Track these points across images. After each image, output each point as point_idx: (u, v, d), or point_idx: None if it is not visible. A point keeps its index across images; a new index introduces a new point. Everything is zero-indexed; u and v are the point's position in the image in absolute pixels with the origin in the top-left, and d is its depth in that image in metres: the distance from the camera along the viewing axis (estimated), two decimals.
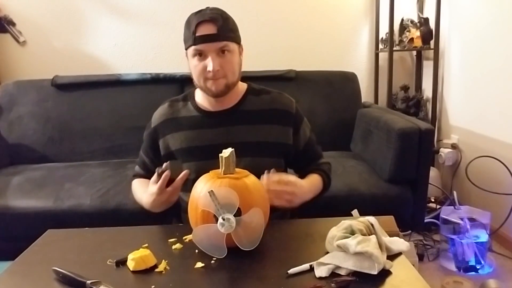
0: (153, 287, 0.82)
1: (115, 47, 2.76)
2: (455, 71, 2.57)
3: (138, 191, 1.31)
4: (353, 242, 0.85)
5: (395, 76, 2.74)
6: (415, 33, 2.69)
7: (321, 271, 0.84)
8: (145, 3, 2.73)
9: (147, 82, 2.47)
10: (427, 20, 2.69)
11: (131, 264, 0.89)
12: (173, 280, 0.85)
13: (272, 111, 1.29)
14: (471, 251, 1.91)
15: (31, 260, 0.98)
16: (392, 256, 0.90)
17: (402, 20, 2.76)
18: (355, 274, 0.83)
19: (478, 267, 1.92)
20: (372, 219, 0.95)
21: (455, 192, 2.21)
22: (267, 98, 1.31)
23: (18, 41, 2.70)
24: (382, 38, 2.82)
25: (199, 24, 1.16)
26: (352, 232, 0.89)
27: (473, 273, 1.91)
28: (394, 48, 2.69)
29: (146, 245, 0.98)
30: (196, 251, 0.94)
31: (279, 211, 1.27)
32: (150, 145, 1.34)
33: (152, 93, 2.41)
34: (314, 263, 0.86)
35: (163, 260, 0.91)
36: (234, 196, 0.89)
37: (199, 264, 0.90)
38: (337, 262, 0.85)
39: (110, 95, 2.44)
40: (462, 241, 1.92)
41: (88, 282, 0.82)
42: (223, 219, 0.87)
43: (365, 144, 2.18)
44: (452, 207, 2.06)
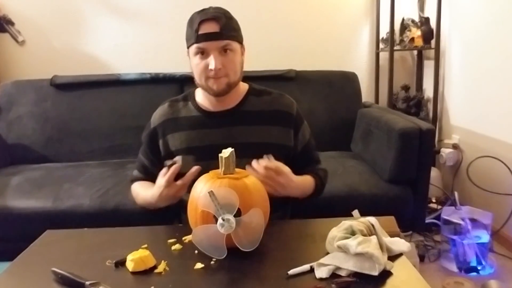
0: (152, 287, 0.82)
1: (114, 47, 2.76)
2: (456, 71, 2.57)
3: (140, 190, 1.29)
4: (353, 242, 0.84)
5: (395, 75, 2.74)
6: (416, 32, 2.68)
7: (321, 272, 0.84)
8: (145, 3, 2.73)
9: (147, 82, 2.47)
10: (428, 19, 2.69)
11: (130, 265, 0.89)
12: (172, 281, 0.85)
13: (273, 112, 1.29)
14: (472, 251, 1.90)
15: (30, 261, 0.98)
16: (393, 257, 0.90)
17: (403, 19, 2.76)
18: (355, 275, 0.83)
19: (479, 268, 1.92)
20: (372, 219, 0.94)
21: (456, 193, 2.20)
22: (268, 99, 1.31)
23: (17, 40, 2.70)
24: (383, 37, 2.81)
25: (202, 22, 1.15)
26: (353, 233, 0.89)
27: (474, 273, 1.91)
28: (395, 48, 2.69)
29: (146, 245, 0.97)
30: (196, 251, 0.94)
31: (279, 212, 1.27)
32: (149, 146, 1.33)
33: (151, 93, 2.40)
34: (314, 264, 0.86)
35: (163, 261, 0.91)
36: (234, 196, 0.89)
37: (199, 265, 0.89)
38: (337, 262, 0.85)
39: (109, 95, 2.43)
40: (463, 241, 1.91)
41: (87, 283, 0.82)
42: (223, 220, 0.87)
43: (365, 144, 2.18)
44: (453, 207, 2.05)
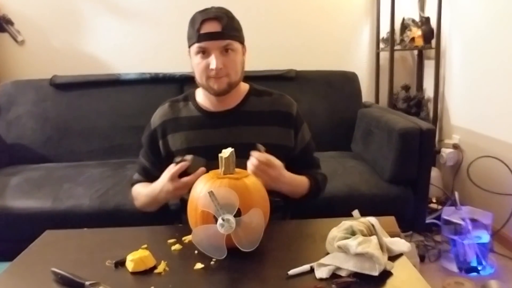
0: None
1: (114, 47, 2.75)
2: (457, 71, 2.57)
3: (142, 189, 1.28)
4: (353, 243, 0.84)
5: (396, 75, 2.74)
6: (416, 32, 2.68)
7: (321, 272, 0.83)
8: (145, 3, 2.72)
9: (146, 82, 2.47)
10: (428, 19, 2.69)
11: (130, 265, 0.89)
12: (172, 281, 0.84)
13: (273, 112, 1.29)
14: (472, 252, 1.90)
15: (30, 261, 0.98)
16: (393, 257, 0.90)
17: (403, 19, 2.76)
18: (355, 275, 0.83)
19: (480, 268, 1.91)
20: (373, 219, 0.94)
21: (456, 193, 2.20)
22: (268, 100, 1.31)
23: (16, 40, 2.70)
24: (383, 37, 2.81)
25: (204, 22, 1.15)
26: (353, 233, 0.89)
27: (474, 274, 1.91)
28: (395, 48, 2.69)
29: (145, 245, 0.97)
30: (196, 252, 0.94)
31: (279, 213, 1.27)
32: (150, 147, 1.31)
33: (151, 92, 2.40)
34: (314, 264, 0.86)
35: (163, 261, 0.90)
36: (234, 196, 0.88)
37: (199, 265, 0.89)
38: (337, 263, 0.84)
39: (109, 95, 2.43)
40: (463, 241, 1.91)
41: (87, 283, 0.82)
42: (223, 220, 0.87)
43: (365, 144, 2.17)
44: (454, 207, 2.05)
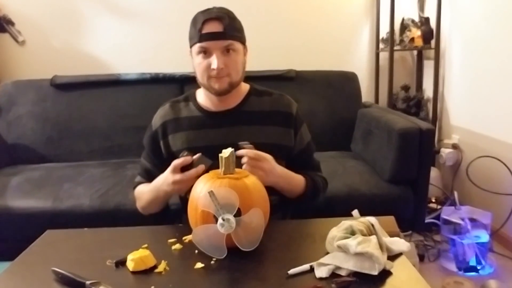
0: (152, 287, 0.82)
1: (114, 47, 2.76)
2: (456, 71, 2.57)
3: (145, 187, 1.27)
4: (353, 242, 0.84)
5: (395, 76, 2.74)
6: (416, 32, 2.68)
7: (321, 272, 0.84)
8: (145, 3, 2.73)
9: (147, 82, 2.47)
10: (428, 19, 2.69)
11: (130, 265, 0.89)
12: (172, 280, 0.84)
13: (273, 112, 1.29)
14: (471, 251, 1.90)
15: (30, 261, 0.98)
16: (393, 257, 0.90)
17: (403, 19, 2.76)
18: (355, 274, 0.83)
19: (479, 268, 1.92)
20: (372, 219, 0.94)
21: (455, 192, 2.20)
22: (268, 100, 1.31)
23: (17, 40, 2.70)
24: (383, 37, 2.81)
25: (206, 22, 1.16)
26: (353, 233, 0.89)
27: (473, 273, 1.91)
28: (395, 48, 2.69)
29: (146, 245, 0.97)
30: (196, 251, 0.94)
31: (279, 213, 1.27)
32: (151, 148, 1.31)
33: (151, 93, 2.40)
34: (314, 264, 0.86)
35: (163, 261, 0.90)
36: (234, 196, 0.89)
37: (199, 265, 0.89)
38: (337, 262, 0.84)
39: (109, 95, 2.43)
40: (462, 241, 1.91)
41: (87, 282, 0.82)
42: (223, 220, 0.87)
43: (365, 144, 2.18)
44: (453, 207, 2.06)
